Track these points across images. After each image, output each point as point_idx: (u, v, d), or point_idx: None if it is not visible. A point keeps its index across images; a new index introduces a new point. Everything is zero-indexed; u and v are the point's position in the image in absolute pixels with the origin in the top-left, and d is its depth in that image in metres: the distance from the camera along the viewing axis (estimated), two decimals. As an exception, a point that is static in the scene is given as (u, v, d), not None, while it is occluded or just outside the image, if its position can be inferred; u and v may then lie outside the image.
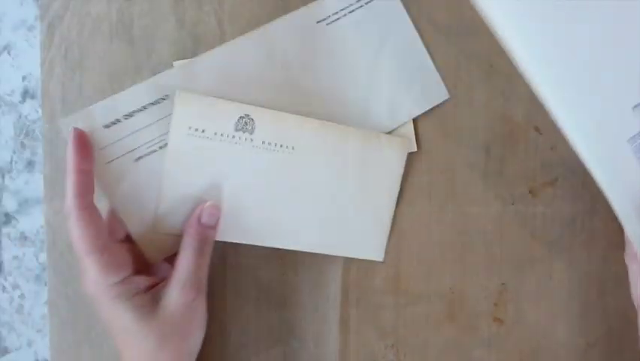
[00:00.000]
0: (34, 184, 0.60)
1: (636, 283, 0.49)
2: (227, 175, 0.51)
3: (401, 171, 0.55)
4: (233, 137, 0.51)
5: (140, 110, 0.51)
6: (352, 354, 0.57)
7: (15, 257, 0.61)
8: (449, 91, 0.55)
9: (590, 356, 0.52)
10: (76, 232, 0.46)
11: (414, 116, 0.55)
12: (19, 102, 0.60)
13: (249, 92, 0.52)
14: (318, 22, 0.53)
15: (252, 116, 0.51)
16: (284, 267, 0.56)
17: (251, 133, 0.51)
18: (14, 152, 0.60)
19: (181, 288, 0.48)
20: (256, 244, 0.53)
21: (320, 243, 0.55)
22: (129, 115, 0.50)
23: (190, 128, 0.50)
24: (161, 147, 0.51)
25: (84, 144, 0.49)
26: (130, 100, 0.50)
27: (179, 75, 0.51)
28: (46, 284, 0.60)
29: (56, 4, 0.56)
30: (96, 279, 0.47)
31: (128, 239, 0.52)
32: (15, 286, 0.61)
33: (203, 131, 0.50)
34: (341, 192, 0.54)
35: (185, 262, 0.49)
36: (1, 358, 0.62)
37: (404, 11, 0.54)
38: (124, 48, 0.56)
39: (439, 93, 0.55)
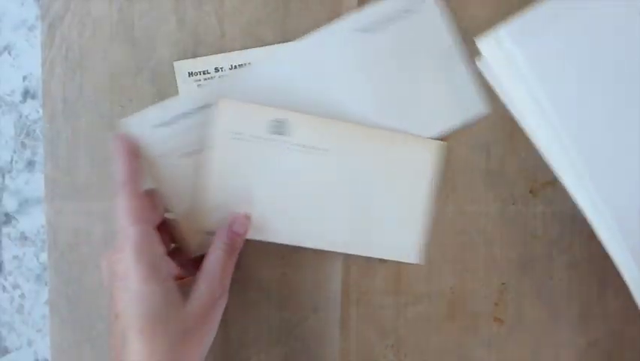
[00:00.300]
0: (35, 184, 0.60)
1: None
2: (265, 176, 0.53)
3: (434, 173, 0.55)
4: (270, 139, 0.53)
5: (187, 115, 0.53)
6: (353, 354, 0.57)
7: (15, 257, 0.61)
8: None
9: (590, 355, 0.52)
10: (123, 203, 0.48)
11: (450, 129, 0.55)
12: (20, 102, 0.60)
13: (288, 100, 0.54)
14: (359, 31, 0.54)
15: (287, 120, 0.53)
16: (284, 267, 0.56)
17: (287, 135, 0.53)
18: (15, 152, 0.60)
19: (209, 284, 0.49)
20: (291, 243, 0.54)
21: (354, 244, 0.55)
22: (178, 117, 0.53)
23: (230, 132, 0.53)
24: (201, 148, 0.53)
25: (133, 144, 0.52)
26: (178, 105, 0.53)
27: (220, 85, 0.54)
28: (46, 284, 0.60)
29: (57, 4, 0.56)
30: (135, 251, 0.46)
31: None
32: (15, 286, 0.61)
33: (241, 134, 0.53)
34: (375, 194, 0.54)
35: (214, 260, 0.50)
36: (2, 358, 0.62)
37: (444, 23, 0.54)
38: (125, 48, 0.56)
39: (476, 107, 0.55)
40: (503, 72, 0.49)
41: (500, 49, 0.48)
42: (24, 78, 0.60)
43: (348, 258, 0.56)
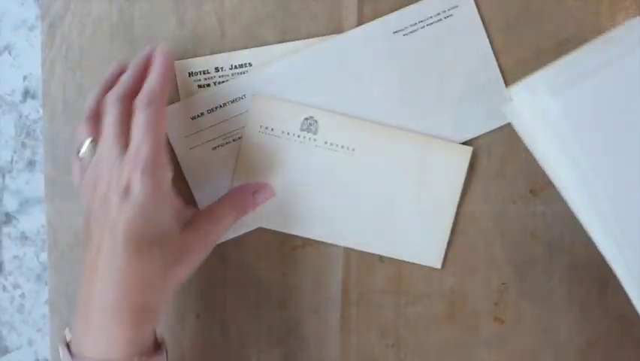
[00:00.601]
0: (35, 184, 0.60)
1: None
2: (291, 170, 0.55)
3: (462, 179, 0.55)
4: (299, 136, 0.55)
5: (221, 107, 0.55)
6: (353, 354, 0.57)
7: (15, 257, 0.61)
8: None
9: (590, 355, 0.52)
10: (147, 117, 0.47)
11: (480, 133, 0.55)
12: (20, 102, 0.60)
13: (319, 97, 0.55)
14: (395, 32, 0.54)
15: (315, 118, 0.54)
16: (284, 267, 0.56)
17: (315, 133, 0.54)
18: (15, 152, 0.60)
19: (211, 229, 0.51)
20: (313, 238, 0.56)
21: (376, 243, 0.56)
22: (212, 110, 0.55)
23: (261, 127, 0.55)
24: (234, 140, 0.55)
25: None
26: (213, 97, 0.55)
27: (255, 78, 0.55)
28: (46, 284, 0.60)
29: (57, 4, 0.56)
30: (149, 165, 0.45)
31: None
32: (15, 286, 0.61)
33: (272, 129, 0.55)
34: (400, 196, 0.55)
35: (222, 214, 0.52)
36: (2, 357, 0.62)
37: (482, 28, 0.54)
38: (125, 48, 0.56)
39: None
40: (535, 121, 0.49)
41: (534, 98, 0.48)
42: (24, 78, 0.60)
43: (348, 258, 0.56)
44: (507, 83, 0.54)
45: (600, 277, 0.55)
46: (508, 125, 0.54)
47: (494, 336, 0.56)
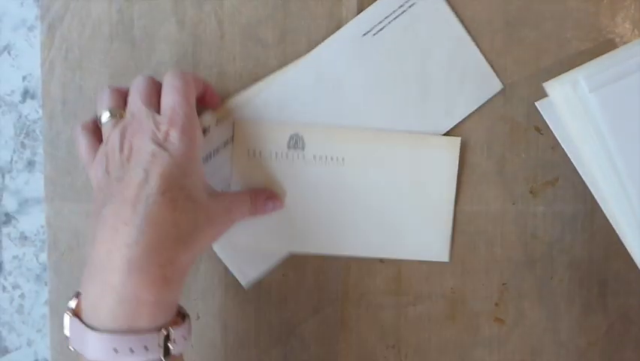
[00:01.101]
0: (35, 184, 0.60)
1: None
2: (285, 189, 0.55)
3: (455, 169, 0.54)
4: (287, 155, 0.54)
5: (212, 156, 0.54)
6: (353, 355, 0.57)
7: (15, 257, 0.61)
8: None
9: (591, 355, 0.52)
10: (184, 84, 0.48)
11: (471, 110, 0.55)
12: (20, 102, 0.60)
13: (303, 115, 0.54)
14: (364, 35, 0.54)
15: (301, 134, 0.54)
16: (284, 267, 0.56)
17: (302, 149, 0.54)
18: (14, 152, 0.60)
19: (238, 202, 0.52)
20: (314, 253, 0.56)
21: (380, 247, 0.55)
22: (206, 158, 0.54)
23: (249, 151, 0.54)
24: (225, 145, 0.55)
25: (211, 94, 0.53)
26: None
27: (238, 104, 0.55)
28: (46, 284, 0.60)
29: (57, 4, 0.56)
30: (190, 125, 0.46)
31: None
32: (15, 286, 0.61)
33: (260, 152, 0.54)
34: (396, 197, 0.55)
35: (241, 211, 0.52)
36: (1, 358, 0.62)
37: (448, 8, 0.54)
38: (124, 49, 0.56)
39: (492, 85, 0.55)
40: (574, 118, 0.49)
41: (574, 94, 0.48)
42: (24, 78, 0.60)
43: (348, 258, 0.56)
44: (507, 84, 0.54)
45: (600, 277, 0.55)
46: (509, 125, 0.54)
47: (495, 336, 0.56)
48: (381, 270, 0.56)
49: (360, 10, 0.55)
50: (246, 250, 0.55)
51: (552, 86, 0.49)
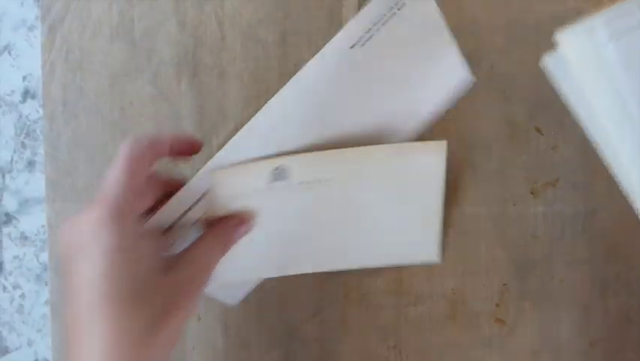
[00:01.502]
0: (35, 184, 0.60)
1: None
2: (272, 221, 0.51)
3: (443, 171, 0.52)
4: (271, 188, 0.50)
5: (192, 209, 0.49)
6: (354, 355, 0.57)
7: (15, 257, 0.61)
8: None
9: (591, 356, 0.52)
10: (120, 160, 0.44)
11: (447, 101, 0.53)
12: (20, 102, 0.60)
13: (287, 146, 0.50)
14: (351, 47, 0.49)
15: (283, 165, 0.50)
16: (285, 267, 0.56)
17: (287, 179, 0.50)
18: (15, 152, 0.60)
19: (194, 271, 0.45)
20: (312, 272, 0.54)
21: (374, 258, 0.55)
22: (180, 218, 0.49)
23: (230, 196, 0.50)
24: None
25: (186, 143, 0.48)
26: (178, 205, 0.49)
27: (216, 164, 0.50)
28: (46, 284, 0.60)
29: (57, 5, 0.56)
30: (125, 202, 0.42)
31: None
32: (15, 286, 0.61)
33: (242, 194, 0.50)
34: (386, 207, 0.53)
35: (205, 252, 0.47)
36: (2, 358, 0.62)
37: (436, 9, 0.49)
38: (125, 50, 0.56)
39: (465, 76, 0.52)
40: (588, 68, 0.44)
41: (590, 42, 0.43)
42: (24, 78, 0.60)
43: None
44: (507, 84, 0.54)
45: (601, 277, 0.55)
46: (509, 125, 0.54)
47: (495, 337, 0.56)
48: (381, 271, 0.56)
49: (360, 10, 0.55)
50: (230, 281, 0.53)
51: (567, 34, 0.44)
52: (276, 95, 0.49)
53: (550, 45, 0.54)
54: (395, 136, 0.53)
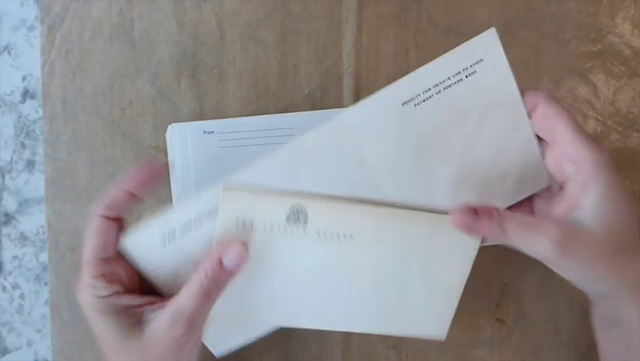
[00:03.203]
0: (35, 184, 0.60)
1: None
2: (279, 268, 0.48)
3: (474, 254, 0.48)
4: (285, 229, 0.46)
5: (197, 221, 0.47)
6: (354, 355, 0.57)
7: (15, 257, 0.61)
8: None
9: (591, 356, 0.52)
10: (87, 238, 0.45)
11: (509, 204, 0.47)
12: (19, 102, 0.60)
13: (312, 186, 0.46)
14: (404, 103, 0.45)
15: (304, 206, 0.46)
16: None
17: (304, 223, 0.46)
18: (14, 152, 0.60)
19: (173, 322, 0.43)
20: (307, 327, 0.50)
21: (380, 326, 0.50)
22: (185, 230, 0.47)
23: (237, 223, 0.46)
24: None
25: (149, 175, 0.46)
26: (181, 214, 0.47)
27: (244, 181, 0.46)
28: (46, 284, 0.60)
29: (57, 6, 0.56)
30: (88, 288, 0.45)
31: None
32: (15, 286, 0.61)
33: (252, 225, 0.46)
34: (406, 277, 0.48)
35: (187, 298, 0.44)
36: (1, 358, 0.62)
37: (514, 84, 0.45)
38: (124, 50, 0.56)
39: (538, 180, 0.47)
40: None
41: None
42: (24, 78, 0.60)
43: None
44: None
45: (601, 277, 0.55)
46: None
47: (495, 337, 0.56)
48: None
49: (360, 11, 0.55)
50: (226, 321, 0.49)
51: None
52: (313, 130, 0.46)
53: (550, 45, 0.54)
54: (429, 206, 0.47)
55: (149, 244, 0.46)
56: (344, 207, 0.46)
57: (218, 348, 0.50)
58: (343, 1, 0.55)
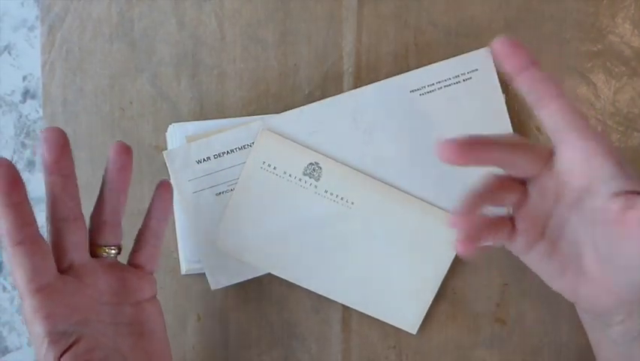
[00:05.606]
0: (35, 184, 0.60)
1: None
2: (287, 213, 0.54)
3: (450, 258, 0.54)
4: (300, 180, 0.54)
5: (229, 153, 0.54)
6: (354, 355, 0.57)
7: (16, 257, 0.61)
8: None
9: (591, 356, 0.52)
10: (14, 270, 0.41)
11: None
12: (20, 102, 0.60)
13: (327, 147, 0.54)
14: (411, 91, 0.53)
15: (320, 164, 0.53)
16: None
17: (317, 180, 0.54)
18: (15, 152, 0.60)
19: None
20: (299, 284, 0.55)
21: (358, 301, 0.55)
22: (219, 155, 0.54)
23: (264, 163, 0.54)
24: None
25: (14, 179, 0.44)
26: (222, 142, 0.54)
27: (264, 126, 0.54)
28: (47, 284, 0.60)
29: (57, 6, 0.56)
30: (42, 330, 0.41)
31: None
32: (15, 286, 0.61)
33: (274, 168, 0.54)
34: (389, 259, 0.54)
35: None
36: (2, 357, 0.62)
37: (500, 92, 0.53)
38: (125, 50, 0.56)
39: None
40: None
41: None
42: (24, 78, 0.60)
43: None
44: (506, 84, 0.54)
45: (601, 277, 0.55)
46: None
47: (496, 337, 0.56)
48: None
49: (360, 12, 0.55)
50: (226, 256, 0.55)
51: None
52: (332, 97, 0.54)
53: (550, 45, 0.54)
54: (420, 194, 0.54)
55: (187, 159, 0.54)
56: (353, 174, 0.54)
57: (215, 283, 0.55)
58: (343, 1, 0.55)
